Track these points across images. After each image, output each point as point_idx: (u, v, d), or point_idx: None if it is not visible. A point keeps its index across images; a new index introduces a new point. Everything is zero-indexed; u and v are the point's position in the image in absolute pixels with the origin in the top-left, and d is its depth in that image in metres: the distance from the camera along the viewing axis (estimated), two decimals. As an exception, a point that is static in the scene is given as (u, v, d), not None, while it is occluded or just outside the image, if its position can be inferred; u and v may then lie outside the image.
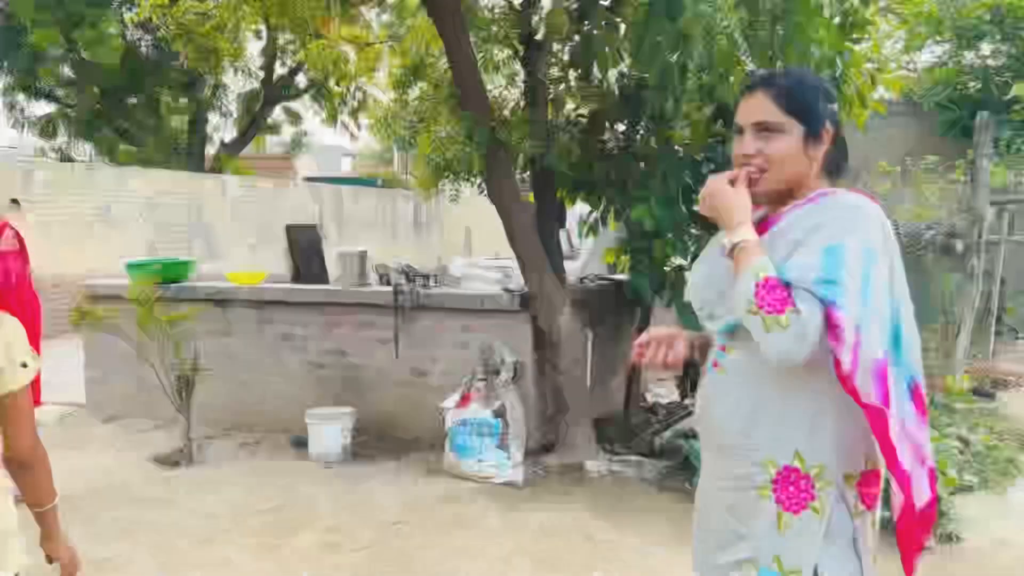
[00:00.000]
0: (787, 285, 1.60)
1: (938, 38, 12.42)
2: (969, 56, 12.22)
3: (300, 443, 5.52)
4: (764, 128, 1.74)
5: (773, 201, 1.81)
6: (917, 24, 12.37)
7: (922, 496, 1.71)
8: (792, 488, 1.70)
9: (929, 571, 3.83)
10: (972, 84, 11.92)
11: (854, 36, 4.98)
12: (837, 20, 4.77)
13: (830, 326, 1.57)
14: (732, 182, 1.76)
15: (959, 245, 6.31)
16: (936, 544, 4.09)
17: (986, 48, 12.11)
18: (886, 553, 1.84)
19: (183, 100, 17.23)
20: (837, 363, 1.58)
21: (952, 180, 9.08)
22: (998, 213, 8.55)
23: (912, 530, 1.72)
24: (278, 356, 5.92)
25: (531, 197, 5.39)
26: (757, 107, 1.75)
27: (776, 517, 1.71)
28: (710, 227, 5.17)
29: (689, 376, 7.04)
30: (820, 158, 1.76)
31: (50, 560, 2.00)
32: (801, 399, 1.70)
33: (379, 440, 5.60)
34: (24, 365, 1.81)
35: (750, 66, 4.75)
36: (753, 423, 1.74)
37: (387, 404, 5.64)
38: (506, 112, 5.26)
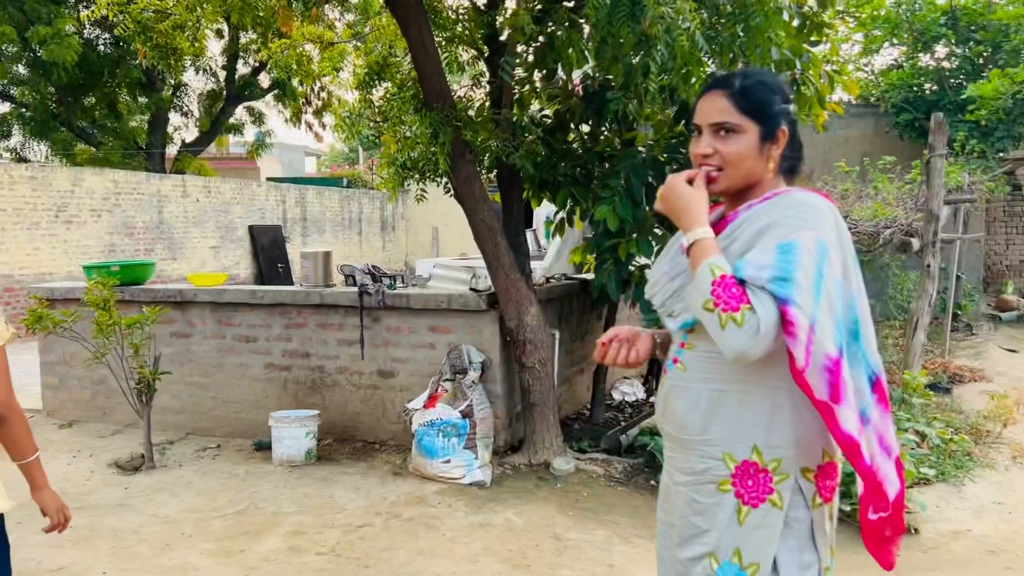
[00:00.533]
0: (742, 283, 1.62)
1: (894, 41, 12.66)
2: (924, 58, 12.49)
3: (263, 446, 5.47)
4: (721, 128, 1.76)
5: (730, 199, 1.84)
6: (874, 27, 12.60)
7: (893, 486, 1.75)
8: (751, 482, 1.73)
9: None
10: (927, 86, 12.17)
11: (812, 38, 5.05)
12: (796, 23, 4.84)
13: (785, 323, 1.59)
14: (691, 181, 1.78)
15: (916, 243, 6.44)
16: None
17: (941, 50, 12.38)
18: (844, 545, 1.88)
19: (142, 99, 16.95)
20: (792, 359, 1.61)
21: (908, 180, 9.28)
22: (953, 212, 8.76)
23: (884, 522, 1.75)
24: (241, 359, 5.85)
25: (497, 197, 5.39)
26: (714, 108, 1.77)
27: (736, 510, 1.74)
28: (674, 227, 5.22)
29: (654, 374, 7.12)
30: (776, 158, 1.79)
31: (44, 513, 2.24)
32: (759, 394, 1.73)
33: (344, 442, 5.57)
34: None
35: (711, 67, 4.81)
36: (712, 418, 1.77)
37: (352, 406, 5.60)
38: (471, 112, 5.25)
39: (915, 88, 12.10)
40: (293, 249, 16.85)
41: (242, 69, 17.69)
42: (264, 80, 17.64)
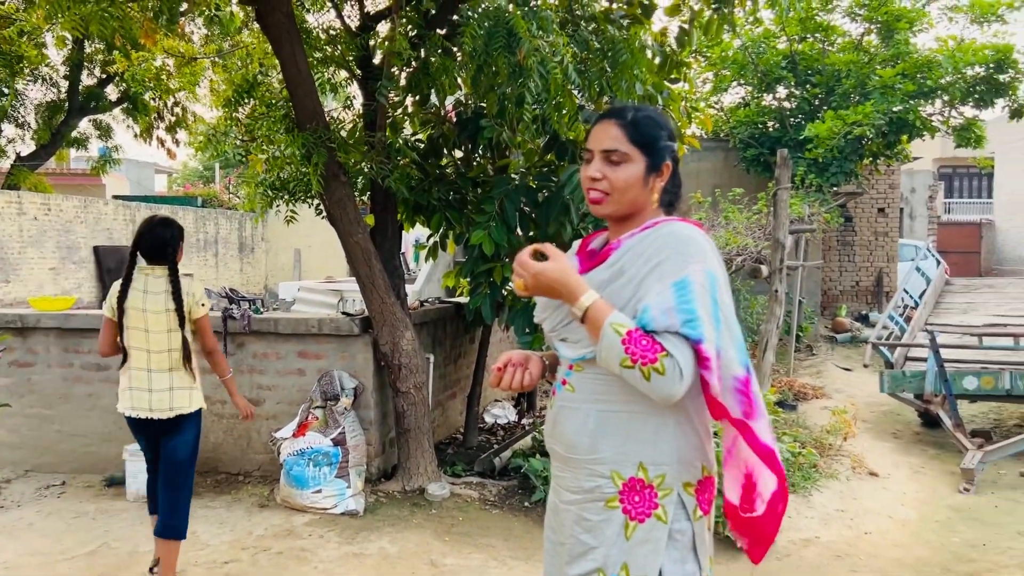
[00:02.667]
0: (649, 332, 1.70)
1: (742, 81, 13.56)
2: (768, 98, 13.44)
3: (116, 482, 5.12)
4: (611, 156, 1.84)
5: (615, 225, 1.92)
6: (723, 67, 13.46)
7: (770, 487, 1.87)
8: (638, 498, 1.80)
9: (742, 570, 4.14)
10: (771, 124, 13.11)
11: (672, 76, 5.34)
12: (658, 60, 5.12)
13: (700, 359, 1.70)
14: (535, 254, 1.83)
15: (765, 270, 6.90)
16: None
17: (782, 91, 13.37)
18: (717, 555, 1.98)
19: (-30, 108, 15.55)
20: (706, 385, 1.72)
21: (756, 210, 9.94)
22: (795, 241, 9.46)
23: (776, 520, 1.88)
24: (91, 388, 5.45)
25: (370, 219, 5.34)
26: (606, 135, 1.85)
27: (623, 526, 1.80)
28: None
29: (526, 397, 7.22)
30: (659, 190, 1.88)
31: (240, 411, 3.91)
32: (645, 414, 1.80)
33: (206, 475, 5.28)
34: (202, 304, 3.61)
35: (580, 100, 4.99)
36: (600, 438, 1.82)
37: (215, 436, 5.34)
38: (343, 133, 5.19)
39: (760, 125, 13.00)
40: (143, 271, 15.88)
41: (87, 80, 16.60)
42: (112, 92, 16.63)
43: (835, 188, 12.07)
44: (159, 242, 3.54)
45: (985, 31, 12.61)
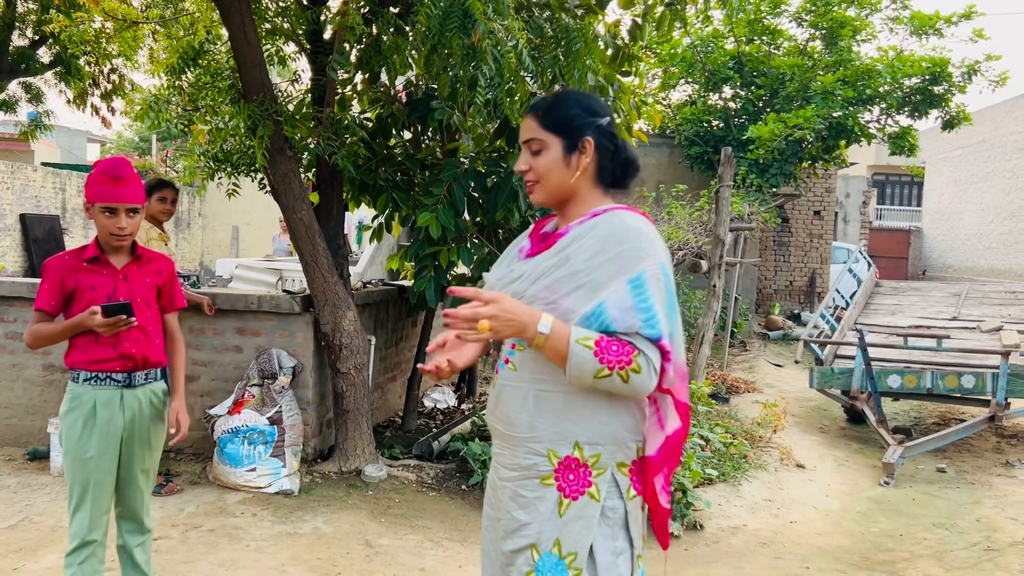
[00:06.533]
0: (612, 334, 1.74)
1: (689, 79, 13.74)
2: (714, 97, 13.65)
3: (39, 456, 4.96)
4: (531, 145, 1.91)
5: (558, 209, 1.95)
6: (672, 64, 13.61)
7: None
8: (572, 476, 1.84)
9: (675, 555, 4.25)
10: (715, 123, 13.32)
11: (624, 69, 5.39)
12: (610, 52, 5.16)
13: (662, 353, 1.77)
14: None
15: (704, 265, 7.04)
16: (682, 531, 4.53)
17: (728, 91, 13.60)
18: (649, 543, 2.04)
19: None
20: (663, 375, 1.78)
21: (698, 207, 10.11)
22: (734, 239, 9.66)
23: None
24: (14, 359, 5.26)
25: (314, 197, 5.26)
26: (526, 128, 1.93)
27: (557, 503, 1.84)
28: (491, 237, 5.35)
29: (466, 382, 7.23)
30: (585, 166, 1.89)
31: None
32: (581, 395, 1.84)
33: (135, 451, 5.15)
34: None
35: (533, 87, 5.00)
36: (539, 416, 1.85)
37: (146, 411, 5.20)
38: (291, 108, 5.10)
39: (705, 124, 13.19)
40: (73, 242, 15.38)
41: (18, 40, 15.88)
42: (45, 55, 15.95)
43: (774, 189, 12.35)
44: None
45: (924, 44, 13.04)
